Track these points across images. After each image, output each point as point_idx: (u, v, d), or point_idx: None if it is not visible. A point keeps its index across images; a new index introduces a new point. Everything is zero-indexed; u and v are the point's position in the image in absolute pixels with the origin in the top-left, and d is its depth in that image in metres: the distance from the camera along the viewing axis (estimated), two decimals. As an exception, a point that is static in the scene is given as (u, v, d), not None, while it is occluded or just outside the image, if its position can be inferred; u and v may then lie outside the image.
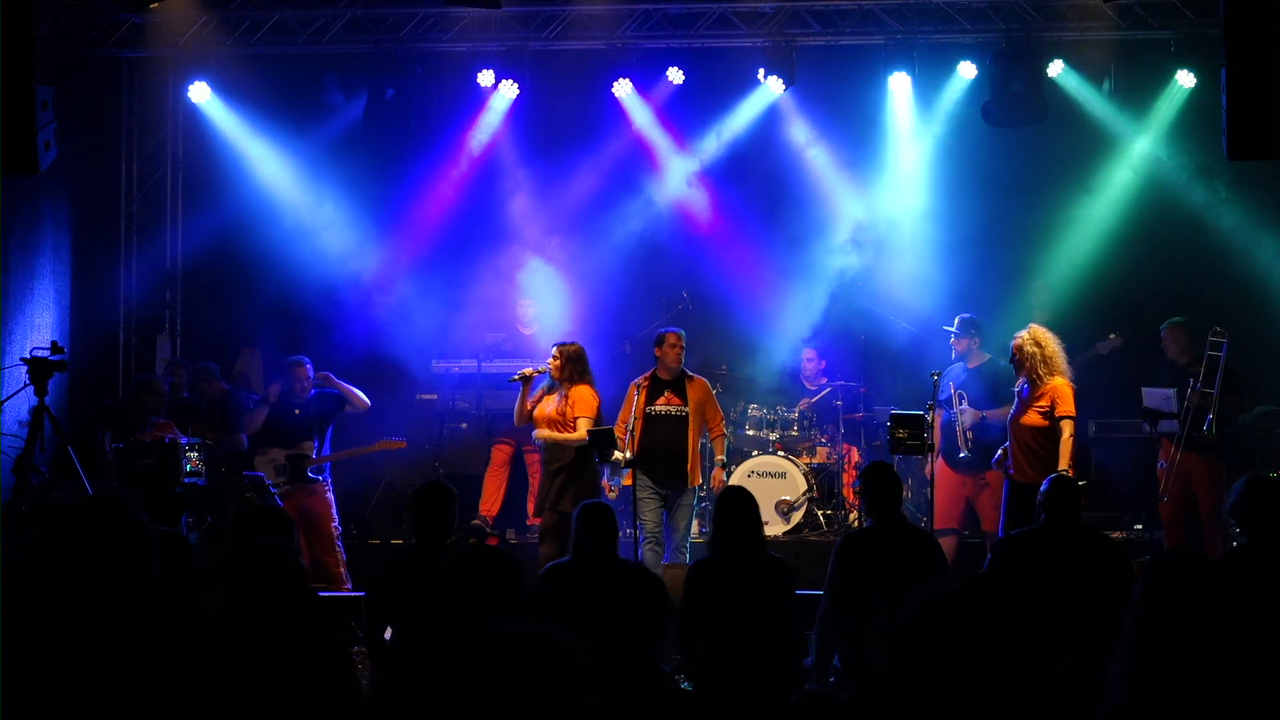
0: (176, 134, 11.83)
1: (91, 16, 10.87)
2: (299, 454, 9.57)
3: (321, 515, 9.54)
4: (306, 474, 9.54)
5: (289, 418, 9.65)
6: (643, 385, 9.05)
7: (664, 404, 9.02)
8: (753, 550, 6.11)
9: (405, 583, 5.90)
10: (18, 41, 7.69)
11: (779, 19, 10.86)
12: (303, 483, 9.54)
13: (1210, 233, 10.82)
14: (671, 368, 9.06)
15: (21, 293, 10.50)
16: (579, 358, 8.77)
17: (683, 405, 9.00)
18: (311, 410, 9.65)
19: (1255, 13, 7.39)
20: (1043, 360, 8.38)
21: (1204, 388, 9.13)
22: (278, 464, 9.57)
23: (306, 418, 9.63)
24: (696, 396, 9.04)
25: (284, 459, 9.56)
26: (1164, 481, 9.31)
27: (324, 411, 9.68)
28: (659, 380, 9.07)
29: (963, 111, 11.18)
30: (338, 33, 10.98)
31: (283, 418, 9.67)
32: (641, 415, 8.95)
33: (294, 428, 9.62)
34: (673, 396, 9.03)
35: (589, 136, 11.56)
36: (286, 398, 9.71)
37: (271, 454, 9.63)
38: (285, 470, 9.54)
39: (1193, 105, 10.78)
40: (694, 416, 8.98)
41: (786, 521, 10.27)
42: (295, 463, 9.55)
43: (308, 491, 9.55)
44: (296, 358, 9.78)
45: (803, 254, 11.48)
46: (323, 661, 5.64)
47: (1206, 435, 9.08)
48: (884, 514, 6.34)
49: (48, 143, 8.01)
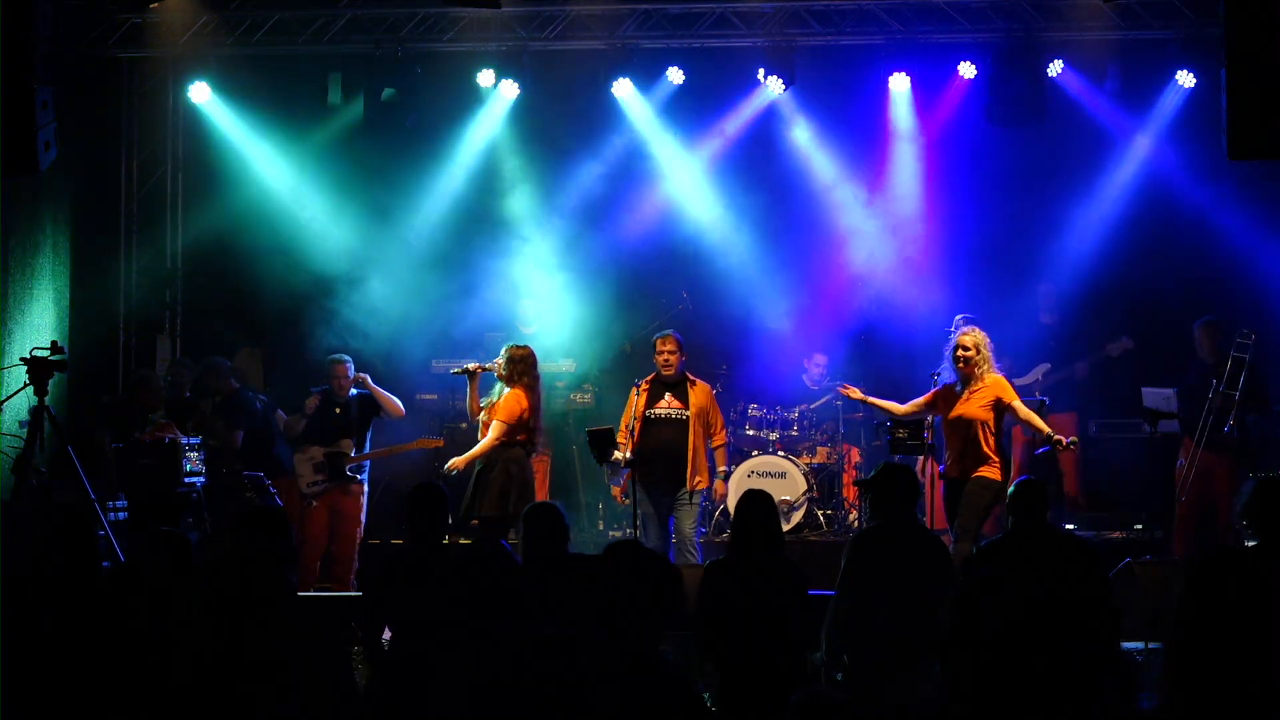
0: (176, 134, 11.83)
1: (91, 16, 10.86)
2: (338, 451, 9.53)
3: (350, 516, 9.53)
4: (344, 472, 9.51)
5: (329, 415, 9.61)
6: (643, 388, 9.04)
7: (664, 407, 9.00)
8: (765, 553, 6.10)
9: (401, 583, 5.92)
10: (18, 41, 7.70)
11: (779, 19, 10.86)
12: (340, 481, 9.52)
13: (1215, 234, 10.81)
14: (665, 375, 9.03)
15: (21, 293, 10.51)
16: (523, 359, 8.56)
17: (684, 409, 8.97)
18: (352, 409, 9.61)
19: (1255, 13, 7.39)
20: (986, 359, 8.36)
21: (1227, 388, 9.13)
22: (316, 461, 9.53)
23: (347, 417, 9.58)
24: (698, 401, 9.00)
25: (322, 456, 9.53)
26: (1181, 481, 9.29)
27: (364, 411, 9.64)
28: (660, 382, 9.05)
29: (963, 111, 11.18)
30: (338, 33, 10.98)
31: (322, 415, 9.63)
32: (640, 417, 8.94)
33: (333, 426, 9.58)
34: (674, 399, 9.00)
35: (589, 136, 11.56)
36: (326, 396, 9.67)
37: (310, 451, 9.58)
38: (324, 468, 9.51)
39: (1193, 105, 10.78)
40: (695, 420, 8.94)
41: (786, 521, 10.25)
42: (334, 460, 9.51)
43: (343, 491, 9.54)
44: (336, 355, 9.75)
45: (803, 254, 11.48)
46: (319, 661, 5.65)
47: (1229, 436, 9.09)
48: (891, 514, 6.34)
49: (48, 143, 8.01)
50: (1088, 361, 10.49)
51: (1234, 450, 9.22)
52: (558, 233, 11.59)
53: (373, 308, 11.29)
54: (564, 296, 11.27)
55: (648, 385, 9.04)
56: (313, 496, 9.54)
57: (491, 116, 11.49)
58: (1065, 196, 11.29)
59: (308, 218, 11.47)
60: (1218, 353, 9.50)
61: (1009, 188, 11.27)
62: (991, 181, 11.23)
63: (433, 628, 5.75)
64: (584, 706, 3.57)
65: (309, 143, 11.47)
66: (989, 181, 11.24)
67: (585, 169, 11.60)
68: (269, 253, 11.25)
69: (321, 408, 9.65)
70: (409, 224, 11.58)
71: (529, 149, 11.67)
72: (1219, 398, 9.14)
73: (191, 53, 11.07)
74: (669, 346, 9.02)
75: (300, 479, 9.59)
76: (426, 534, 6.04)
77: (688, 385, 9.04)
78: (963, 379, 8.36)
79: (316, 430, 9.63)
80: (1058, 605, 5.13)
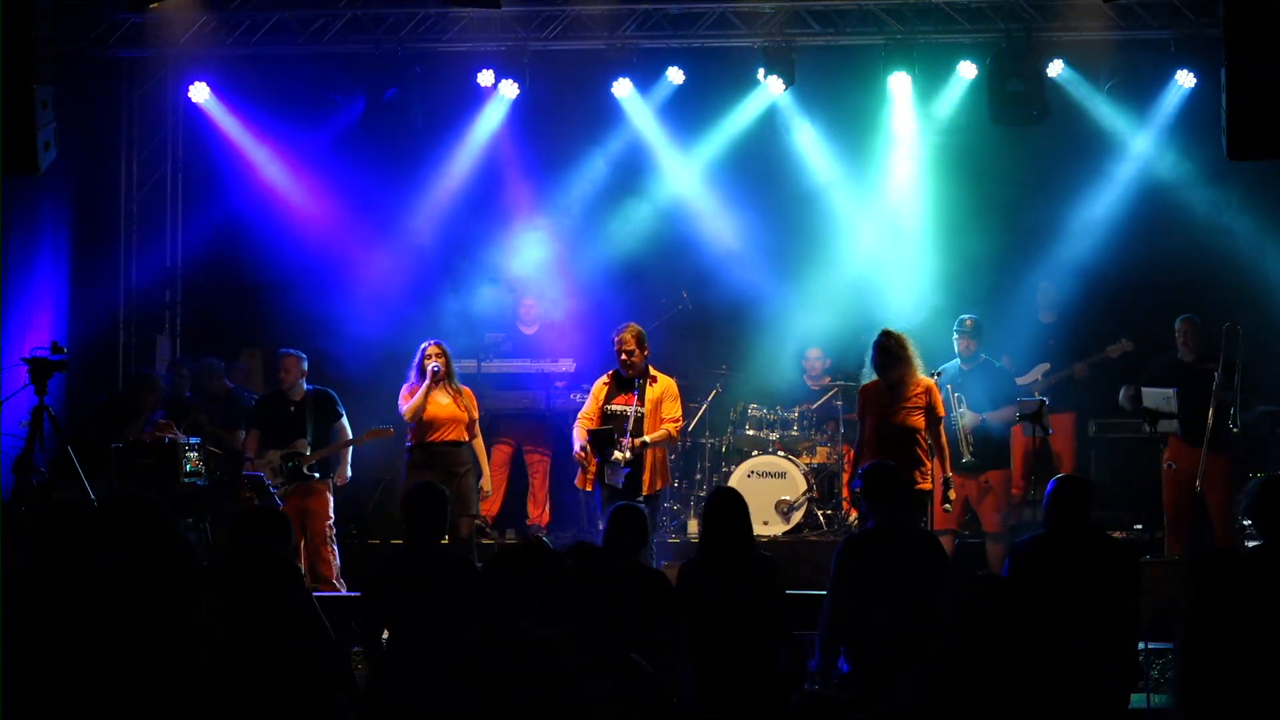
0: (176, 134, 11.83)
1: (91, 16, 10.86)
2: (294, 452, 9.49)
3: (319, 514, 9.45)
4: (303, 472, 9.47)
5: (281, 416, 9.56)
6: (606, 382, 8.78)
7: (620, 404, 8.65)
8: (741, 550, 6.10)
9: (400, 583, 5.92)
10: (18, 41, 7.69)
11: (779, 19, 10.86)
12: (299, 481, 9.47)
13: (1214, 234, 10.80)
14: (624, 372, 8.69)
15: (21, 293, 10.51)
16: None
17: (639, 406, 8.58)
18: (306, 407, 9.56)
19: (1255, 13, 7.39)
20: (910, 360, 8.31)
21: (1225, 385, 9.11)
22: (274, 465, 9.50)
23: (300, 416, 9.54)
24: (653, 396, 8.63)
25: (279, 459, 9.49)
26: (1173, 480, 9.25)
27: (319, 409, 9.57)
28: (619, 378, 8.73)
29: (963, 111, 11.18)
30: (338, 33, 10.98)
31: (274, 417, 9.58)
32: (599, 414, 8.70)
33: (286, 427, 9.52)
34: (630, 397, 8.63)
35: (589, 137, 11.56)
36: (277, 396, 9.62)
37: (267, 455, 9.54)
38: (281, 470, 9.47)
39: (1193, 105, 10.78)
40: (650, 418, 8.58)
41: (786, 521, 10.27)
42: (290, 461, 9.47)
43: (307, 490, 9.48)
44: (284, 350, 9.69)
45: (803, 253, 11.47)
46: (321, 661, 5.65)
47: (1231, 435, 9.08)
48: (886, 514, 6.34)
49: (48, 143, 8.01)
50: (1087, 362, 10.48)
51: (1229, 447, 9.21)
52: (558, 232, 11.59)
53: (372, 308, 11.30)
54: (564, 296, 11.27)
55: (609, 380, 8.75)
56: (278, 499, 9.38)
57: (491, 116, 11.49)
58: (1065, 196, 11.28)
59: (307, 217, 11.46)
60: (1194, 351, 9.48)
61: (1008, 188, 11.26)
62: (991, 181, 11.22)
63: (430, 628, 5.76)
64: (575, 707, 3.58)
65: (309, 143, 11.47)
66: (988, 181, 11.23)
67: (585, 169, 11.60)
68: (269, 253, 11.24)
69: (273, 409, 9.59)
70: (409, 224, 11.57)
71: (529, 149, 11.67)
72: (1220, 393, 9.12)
73: (191, 53, 11.07)
74: (629, 344, 8.63)
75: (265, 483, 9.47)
76: (425, 534, 6.04)
77: (647, 382, 8.68)
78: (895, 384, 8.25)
79: (270, 433, 9.54)
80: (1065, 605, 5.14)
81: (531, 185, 11.71)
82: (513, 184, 11.72)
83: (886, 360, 8.23)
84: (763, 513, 10.05)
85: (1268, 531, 5.53)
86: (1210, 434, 9.11)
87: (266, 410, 9.67)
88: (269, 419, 9.61)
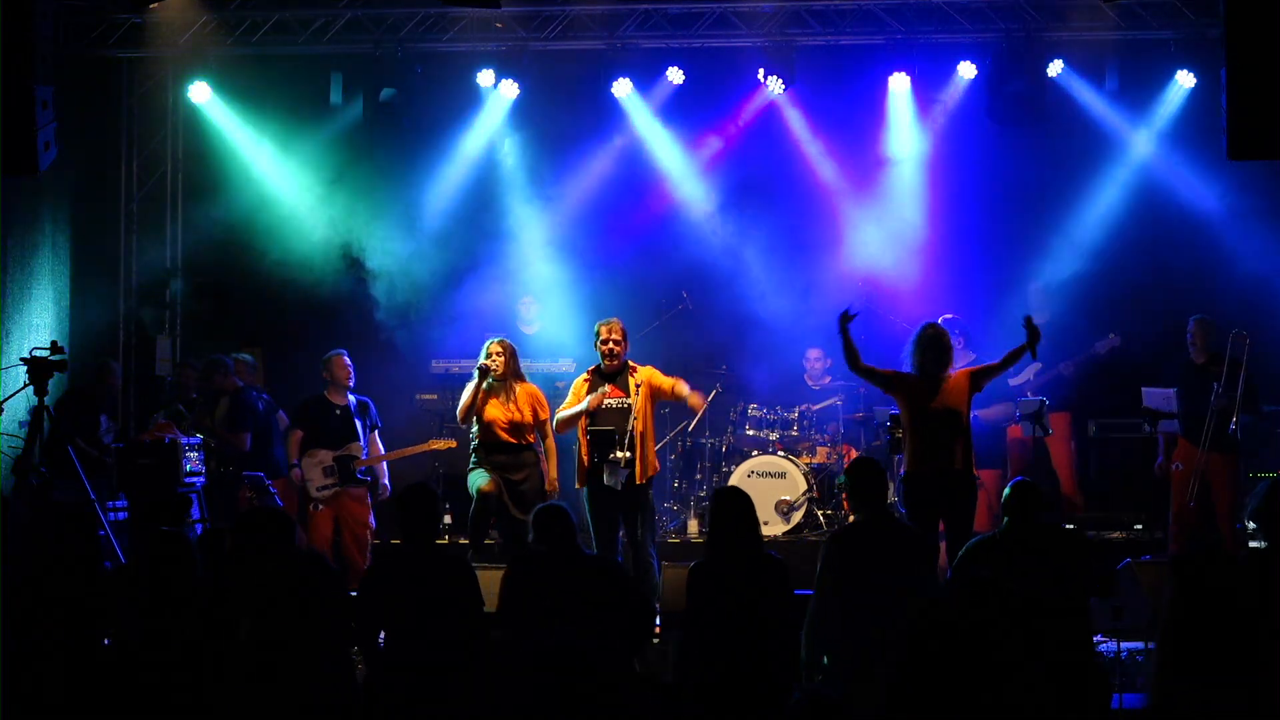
0: (176, 134, 11.83)
1: (91, 16, 10.87)
2: (347, 454, 9.42)
3: (360, 520, 9.42)
4: (355, 475, 9.40)
5: (329, 418, 9.49)
6: (586, 378, 8.66)
7: (607, 397, 8.54)
8: (745, 550, 6.10)
9: (394, 583, 5.93)
10: (18, 41, 7.71)
11: (779, 19, 10.86)
12: (350, 484, 9.41)
13: (1214, 234, 10.80)
14: (606, 365, 8.61)
15: (21, 293, 10.51)
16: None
17: (625, 397, 8.50)
18: (351, 411, 9.52)
19: (1255, 13, 7.40)
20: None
21: (1227, 389, 9.10)
22: (325, 465, 9.40)
23: (348, 419, 9.48)
24: (639, 382, 8.51)
25: (332, 460, 9.41)
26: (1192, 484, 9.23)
27: (365, 416, 9.56)
28: (600, 374, 8.62)
29: (963, 111, 11.18)
30: (338, 33, 10.99)
31: (323, 418, 9.50)
32: (596, 411, 8.54)
33: (337, 429, 9.46)
34: (615, 389, 8.55)
35: (589, 136, 11.56)
36: (322, 400, 9.54)
37: (319, 455, 9.43)
38: (333, 471, 9.39)
39: (1193, 105, 10.78)
40: (642, 403, 8.46)
41: (786, 521, 10.27)
42: (343, 463, 9.40)
43: (348, 495, 9.42)
44: (333, 351, 9.64)
45: (802, 253, 11.47)
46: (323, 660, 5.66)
47: (1233, 437, 9.07)
48: (872, 509, 6.34)
49: (48, 143, 8.02)
50: (1073, 360, 10.44)
51: (1233, 449, 9.20)
52: (558, 232, 11.59)
53: (371, 308, 11.31)
54: (564, 296, 11.27)
55: (589, 376, 8.64)
56: (321, 501, 9.38)
57: (491, 116, 11.49)
58: (1065, 196, 11.29)
59: (307, 217, 11.46)
60: (1206, 352, 9.46)
61: (1008, 187, 11.26)
62: (991, 181, 11.22)
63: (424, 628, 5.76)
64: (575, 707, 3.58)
65: (309, 143, 11.46)
66: (988, 181, 11.23)
67: (585, 169, 11.60)
68: (269, 252, 11.24)
69: (322, 410, 9.56)
70: (408, 224, 11.56)
71: (529, 149, 11.67)
72: (1223, 398, 9.11)
73: (191, 53, 11.07)
74: (615, 335, 8.53)
75: (309, 483, 9.40)
76: (418, 534, 6.05)
77: (628, 374, 8.59)
78: (616, 374, 8.47)
79: (320, 433, 9.49)
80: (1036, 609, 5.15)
81: (531, 185, 11.69)
82: (512, 183, 11.71)
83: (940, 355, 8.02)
84: (763, 513, 9.95)
85: (1272, 535, 5.52)
86: (1214, 436, 9.10)
87: (314, 412, 9.54)
88: (317, 420, 9.49)
